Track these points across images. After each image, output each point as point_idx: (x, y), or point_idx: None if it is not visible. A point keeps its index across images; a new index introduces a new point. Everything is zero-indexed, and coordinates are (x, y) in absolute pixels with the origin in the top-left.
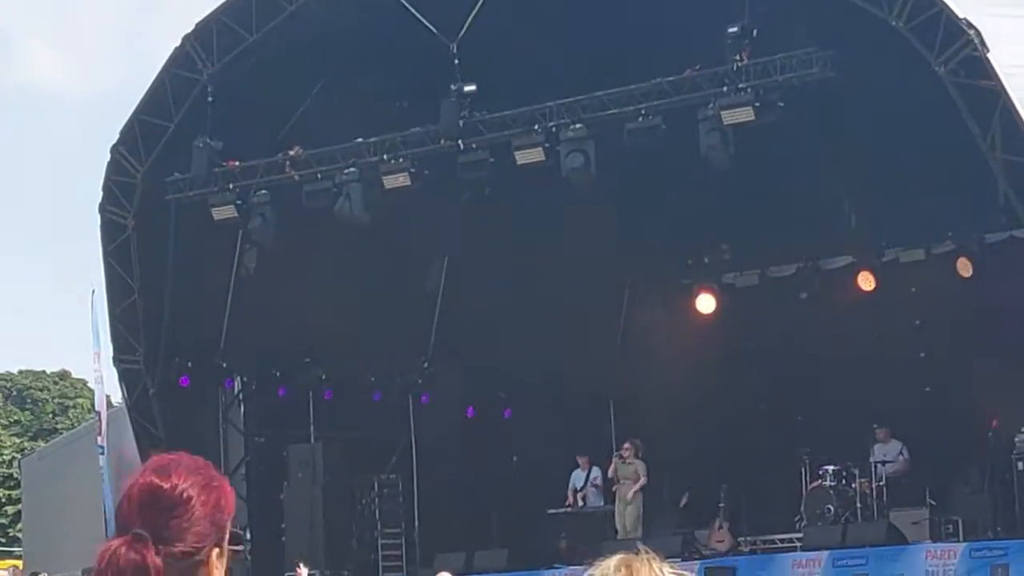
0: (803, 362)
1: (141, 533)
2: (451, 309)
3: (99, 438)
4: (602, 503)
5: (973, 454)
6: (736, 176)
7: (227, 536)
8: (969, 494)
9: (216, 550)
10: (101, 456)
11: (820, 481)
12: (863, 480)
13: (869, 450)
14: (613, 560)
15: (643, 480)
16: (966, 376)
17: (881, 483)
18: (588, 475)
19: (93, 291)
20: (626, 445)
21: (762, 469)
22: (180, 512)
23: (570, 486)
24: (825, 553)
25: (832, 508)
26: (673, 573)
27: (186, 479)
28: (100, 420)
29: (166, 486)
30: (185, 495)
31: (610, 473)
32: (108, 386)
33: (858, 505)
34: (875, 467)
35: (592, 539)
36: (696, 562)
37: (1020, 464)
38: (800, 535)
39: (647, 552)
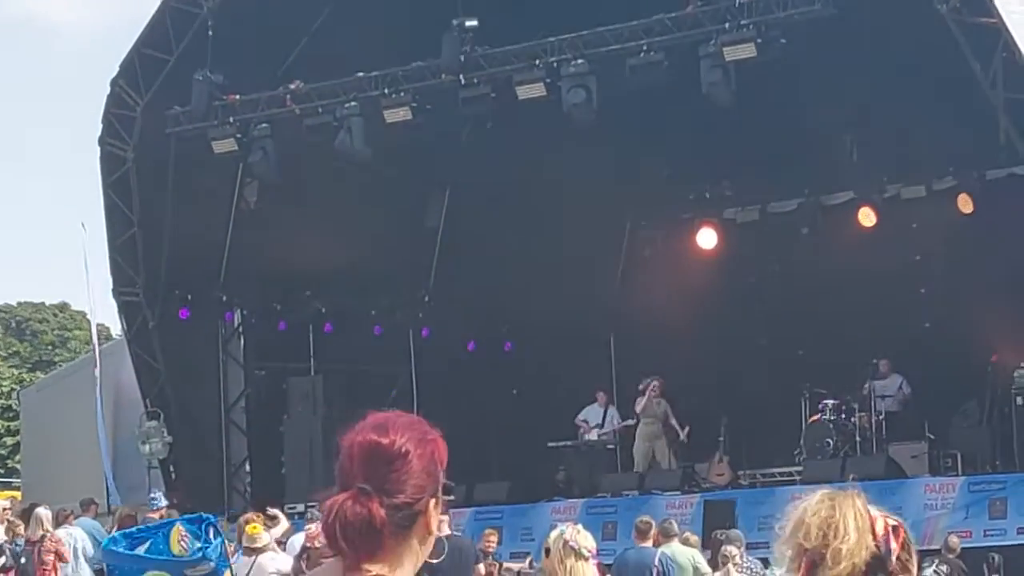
0: (803, 297)
1: (365, 487)
2: (452, 243)
3: (95, 370)
4: (609, 438)
5: (972, 388)
6: (738, 112)
7: (441, 486)
8: (968, 428)
9: (433, 500)
10: (97, 388)
11: (820, 415)
12: (862, 414)
13: (869, 384)
14: (818, 494)
15: (673, 420)
16: (966, 311)
17: (880, 417)
18: (606, 413)
19: (83, 223)
20: (654, 383)
21: (762, 403)
22: (399, 466)
23: (580, 417)
24: (824, 487)
25: (831, 442)
26: (879, 512)
27: (403, 435)
28: (95, 352)
29: (385, 442)
30: (403, 449)
31: (638, 409)
32: (107, 318)
33: (857, 439)
34: (875, 401)
35: (592, 472)
36: (696, 495)
37: (1019, 398)
38: (799, 469)
39: (855, 488)
